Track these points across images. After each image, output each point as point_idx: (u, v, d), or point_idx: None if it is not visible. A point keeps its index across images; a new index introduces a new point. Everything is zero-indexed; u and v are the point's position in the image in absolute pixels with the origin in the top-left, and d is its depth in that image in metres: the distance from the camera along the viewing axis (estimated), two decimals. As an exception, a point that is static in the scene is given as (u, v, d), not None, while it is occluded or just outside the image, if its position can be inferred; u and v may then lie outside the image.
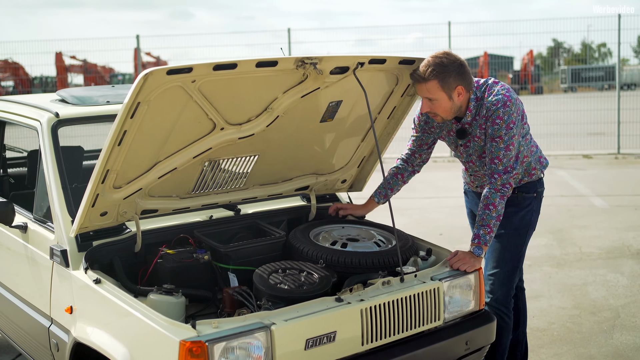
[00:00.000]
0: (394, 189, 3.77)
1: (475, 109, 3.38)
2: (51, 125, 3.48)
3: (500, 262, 3.61)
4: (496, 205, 3.32)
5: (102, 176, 2.88)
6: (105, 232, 3.23)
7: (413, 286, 3.04)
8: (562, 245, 7.10)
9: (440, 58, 3.25)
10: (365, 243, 3.46)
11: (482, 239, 3.32)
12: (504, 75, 27.69)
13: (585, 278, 6.00)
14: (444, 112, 3.34)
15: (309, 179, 3.78)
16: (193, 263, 3.19)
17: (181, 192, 3.35)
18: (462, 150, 3.58)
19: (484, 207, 3.34)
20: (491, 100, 3.32)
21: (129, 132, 2.78)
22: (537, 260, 6.58)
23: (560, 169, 12.29)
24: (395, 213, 3.32)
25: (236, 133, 3.15)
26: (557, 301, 5.44)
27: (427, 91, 3.28)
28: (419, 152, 3.70)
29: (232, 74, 2.82)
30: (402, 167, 3.74)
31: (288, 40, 14.68)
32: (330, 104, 3.34)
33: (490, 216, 3.32)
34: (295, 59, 2.92)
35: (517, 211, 3.61)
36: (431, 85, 3.25)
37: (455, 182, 11.35)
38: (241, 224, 3.59)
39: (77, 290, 3.04)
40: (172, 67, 2.62)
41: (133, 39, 14.94)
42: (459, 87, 3.28)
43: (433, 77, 3.23)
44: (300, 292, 2.93)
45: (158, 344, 2.57)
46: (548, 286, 5.80)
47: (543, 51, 38.12)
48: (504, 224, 3.56)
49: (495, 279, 3.62)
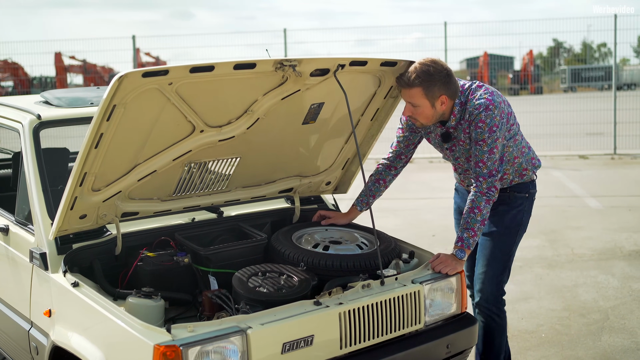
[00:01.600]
0: (376, 196, 3.76)
1: (460, 113, 3.37)
2: (33, 127, 3.47)
3: (491, 261, 3.60)
4: (481, 209, 3.31)
5: (80, 179, 2.87)
6: (86, 234, 3.22)
7: (393, 289, 3.03)
8: (555, 246, 7.08)
9: (428, 66, 3.24)
10: (347, 246, 3.45)
11: (465, 242, 3.30)
12: (504, 75, 27.67)
13: (576, 279, 5.98)
14: (425, 118, 3.35)
15: (292, 181, 3.76)
16: (173, 266, 3.18)
17: (162, 194, 3.33)
18: (449, 154, 3.58)
19: (469, 211, 3.33)
20: (473, 105, 3.31)
21: (105, 135, 2.76)
22: (528, 261, 6.57)
23: (556, 169, 12.27)
24: (388, 214, 3.33)
25: (216, 135, 3.13)
26: (547, 303, 5.42)
27: (410, 97, 3.29)
28: (405, 152, 3.69)
29: (210, 77, 2.81)
30: (384, 173, 3.72)
31: (284, 41, 14.67)
32: (312, 106, 3.32)
33: (475, 220, 3.31)
34: (274, 61, 2.91)
35: (509, 210, 3.60)
36: (415, 91, 3.25)
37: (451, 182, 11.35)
38: (223, 226, 3.58)
39: (56, 293, 3.03)
40: (148, 69, 2.60)
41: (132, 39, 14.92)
42: (442, 96, 3.28)
43: (418, 84, 3.23)
44: (278, 295, 2.92)
45: (133, 348, 2.56)
46: (538, 287, 5.78)
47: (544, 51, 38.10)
48: (495, 222, 3.58)
49: (485, 277, 3.61)
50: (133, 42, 14.99)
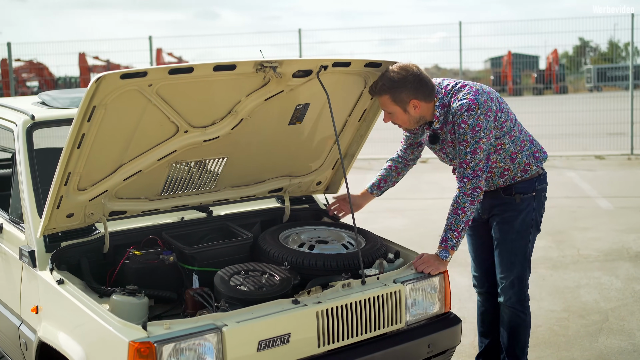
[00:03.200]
0: (388, 180, 3.80)
1: (443, 115, 3.38)
2: (26, 127, 3.54)
3: (510, 267, 3.61)
4: (465, 210, 3.32)
5: (65, 178, 2.92)
6: (74, 233, 3.28)
7: (374, 289, 3.05)
8: (561, 247, 7.04)
9: (394, 73, 3.27)
10: (333, 245, 3.48)
11: (449, 242, 3.32)
12: (528, 75, 27.46)
13: (579, 281, 5.95)
14: (404, 123, 3.40)
15: (282, 181, 3.80)
16: (158, 264, 3.23)
17: (150, 193, 3.38)
18: (442, 155, 3.60)
19: (453, 211, 3.34)
20: (455, 106, 3.32)
21: (87, 135, 2.81)
22: (532, 262, 6.48)
23: (571, 169, 12.19)
24: (396, 214, 3.36)
25: (201, 136, 3.17)
26: (547, 304, 5.41)
27: (382, 104, 3.37)
28: (410, 149, 3.74)
29: (190, 78, 2.85)
30: (396, 160, 3.78)
31: (299, 41, 14.72)
32: (297, 106, 3.35)
33: (459, 221, 3.32)
34: (254, 63, 2.94)
35: (517, 215, 3.57)
36: (384, 99, 3.32)
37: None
38: (211, 225, 3.62)
39: (43, 290, 3.09)
40: (126, 71, 2.65)
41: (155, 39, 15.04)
42: (413, 101, 3.30)
43: (384, 92, 3.29)
44: (258, 293, 2.95)
45: (110, 344, 2.61)
46: (540, 288, 5.76)
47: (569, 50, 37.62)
48: (505, 230, 3.58)
49: (506, 282, 3.63)
50: (150, 43, 15.13)
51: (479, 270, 3.86)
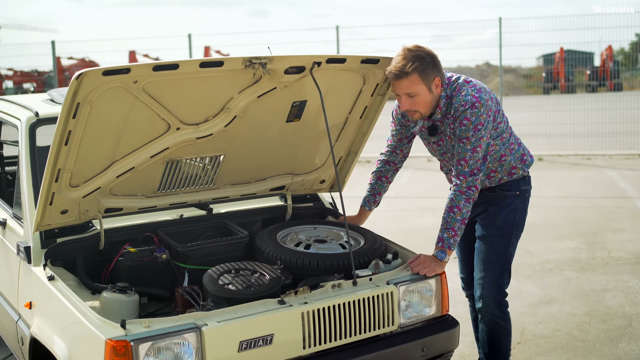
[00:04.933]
0: (382, 192, 3.75)
1: (445, 106, 3.31)
2: (30, 124, 3.57)
3: (487, 265, 3.51)
4: (461, 208, 3.24)
5: (55, 175, 2.93)
6: (71, 229, 3.29)
7: (364, 290, 2.98)
8: (591, 248, 6.84)
9: (417, 51, 3.20)
10: (330, 245, 3.42)
11: (445, 242, 3.24)
12: (581, 72, 26.87)
13: (606, 284, 5.76)
14: (424, 106, 3.26)
15: (284, 179, 3.75)
16: (151, 262, 3.22)
17: (146, 191, 3.37)
18: (436, 148, 3.51)
19: (448, 210, 3.27)
20: (459, 101, 3.24)
21: (75, 132, 2.81)
22: (560, 264, 6.37)
23: (612, 169, 11.86)
24: (426, 212, 3.31)
25: (193, 133, 3.15)
26: (570, 307, 5.25)
27: (408, 86, 3.20)
28: (399, 147, 3.65)
29: (177, 75, 2.82)
30: (384, 170, 3.70)
31: (336, 38, 14.63)
32: (294, 103, 3.30)
33: (454, 219, 3.24)
34: (242, 59, 2.90)
35: (500, 210, 3.50)
36: (413, 79, 3.18)
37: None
38: (209, 223, 3.60)
39: (36, 286, 3.11)
40: (108, 67, 2.64)
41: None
42: (436, 79, 3.24)
43: (414, 70, 3.16)
44: (245, 293, 2.91)
45: (90, 342, 2.60)
46: (564, 291, 5.60)
47: (626, 46, 36.59)
48: (487, 225, 3.49)
49: (484, 282, 3.52)
50: (189, 40, 15.24)
51: (466, 272, 3.78)
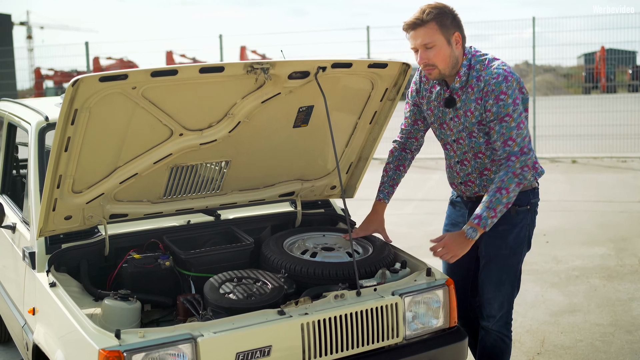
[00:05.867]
0: (398, 183, 3.59)
1: (466, 76, 3.18)
2: (39, 128, 3.57)
3: (499, 286, 3.34)
4: (509, 192, 3.08)
5: (56, 181, 2.91)
6: (77, 235, 3.28)
7: (367, 301, 2.90)
8: (620, 255, 6.66)
9: (436, 4, 3.13)
10: (338, 253, 3.34)
11: (482, 221, 3.09)
12: (623, 71, 26.36)
13: (634, 293, 5.59)
14: (443, 60, 3.13)
15: (293, 184, 3.69)
16: (154, 269, 3.19)
17: (152, 196, 3.34)
18: (452, 125, 3.30)
19: (495, 190, 3.09)
20: (490, 74, 3.11)
21: (74, 138, 2.79)
22: (587, 271, 6.20)
23: (649, 172, 11.59)
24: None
25: (197, 139, 3.11)
26: (594, 317, 5.10)
27: (425, 35, 3.10)
28: (414, 133, 3.51)
29: (177, 81, 2.78)
30: (402, 157, 3.55)
31: (367, 39, 14.54)
32: (300, 109, 3.24)
33: (499, 201, 3.08)
34: (244, 64, 2.85)
35: (511, 229, 3.32)
36: (430, 27, 3.09)
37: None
38: (216, 229, 3.56)
39: (39, 292, 3.09)
40: (105, 74, 2.60)
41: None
42: (456, 34, 3.14)
43: (431, 18, 3.08)
44: (245, 303, 2.86)
45: (84, 351, 2.57)
46: (589, 300, 5.45)
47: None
48: (498, 245, 3.32)
49: (495, 302, 3.36)
50: (220, 41, 15.29)
51: (465, 290, 3.57)
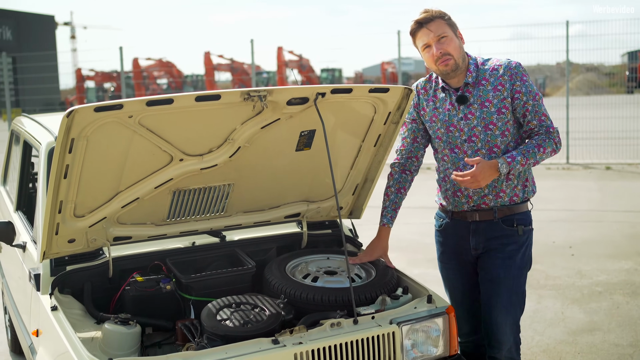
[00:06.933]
0: (400, 206, 3.57)
1: (475, 72, 3.27)
2: (49, 149, 3.62)
3: (509, 308, 3.31)
4: (544, 153, 3.21)
5: (57, 206, 2.95)
6: (82, 257, 3.32)
7: (364, 330, 2.88)
8: (647, 270, 6.52)
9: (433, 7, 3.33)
10: (339, 277, 3.33)
11: (514, 162, 3.14)
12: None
13: (658, 311, 5.47)
14: (456, 50, 3.24)
15: (299, 206, 3.68)
16: (155, 292, 3.20)
17: (155, 219, 3.36)
18: (463, 125, 3.28)
19: (535, 144, 3.20)
20: (505, 62, 3.27)
21: (73, 166, 2.82)
22: (610, 287, 6.08)
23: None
24: None
25: (198, 164, 3.12)
26: (614, 337, 4.99)
27: (437, 27, 3.24)
28: (415, 152, 3.50)
29: (174, 109, 2.79)
30: (402, 180, 3.53)
31: (398, 42, 14.47)
32: (302, 133, 3.24)
33: (534, 155, 3.18)
34: (240, 92, 2.85)
35: (518, 249, 3.30)
36: (439, 21, 3.25)
37: (562, 191, 10.75)
38: (220, 252, 3.57)
39: (42, 314, 3.14)
40: (100, 104, 2.63)
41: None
42: (458, 31, 3.30)
43: (438, 15, 3.26)
44: (240, 330, 2.86)
45: (76, 378, 2.60)
46: (610, 318, 5.33)
47: None
48: (507, 266, 3.29)
49: (505, 326, 3.32)
50: (251, 45, 15.34)
51: (468, 316, 3.50)
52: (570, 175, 12.58)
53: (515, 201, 3.31)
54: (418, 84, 3.48)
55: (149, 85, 40.60)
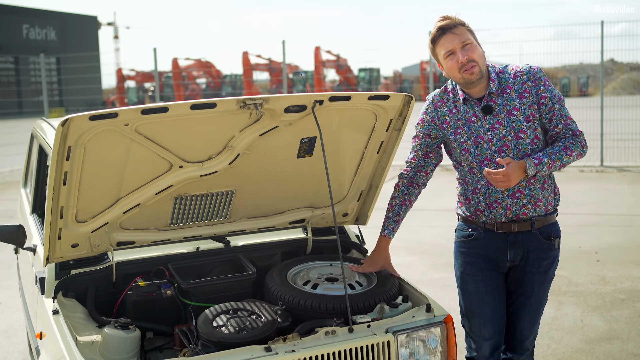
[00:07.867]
0: (404, 218, 3.53)
1: (498, 80, 3.22)
2: (57, 154, 3.67)
3: (535, 318, 3.37)
4: (571, 155, 3.16)
5: (58, 213, 3.00)
6: (86, 261, 3.37)
7: (359, 338, 2.87)
8: (674, 278, 6.37)
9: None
10: (340, 284, 3.31)
11: (542, 163, 3.09)
12: None
13: (681, 320, 5.34)
14: (480, 57, 3.17)
15: (303, 212, 3.68)
16: (156, 297, 3.24)
17: (159, 224, 3.40)
18: (490, 136, 3.19)
19: (562, 147, 3.15)
20: (525, 67, 3.23)
21: (72, 173, 2.86)
22: (634, 294, 5.96)
23: None
24: None
25: (198, 171, 3.14)
26: (632, 346, 4.89)
27: (461, 34, 3.17)
28: (425, 166, 3.44)
29: (170, 117, 2.82)
30: (409, 192, 3.47)
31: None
32: (302, 140, 3.24)
33: (561, 157, 3.13)
34: (236, 101, 2.87)
35: (552, 262, 3.31)
36: (461, 29, 3.18)
37: (589, 196, 10.57)
38: (223, 257, 3.59)
39: (45, 317, 3.20)
40: (95, 112, 2.67)
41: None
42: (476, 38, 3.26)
43: (459, 22, 3.20)
44: (234, 337, 2.87)
45: (68, 384, 2.64)
46: (631, 327, 5.23)
47: None
48: (542, 280, 3.30)
49: (531, 336, 3.40)
50: (283, 47, 15.38)
51: (498, 330, 3.36)
52: (603, 178, 12.37)
53: (550, 210, 3.27)
54: (433, 97, 3.37)
55: (188, 85, 41.08)
